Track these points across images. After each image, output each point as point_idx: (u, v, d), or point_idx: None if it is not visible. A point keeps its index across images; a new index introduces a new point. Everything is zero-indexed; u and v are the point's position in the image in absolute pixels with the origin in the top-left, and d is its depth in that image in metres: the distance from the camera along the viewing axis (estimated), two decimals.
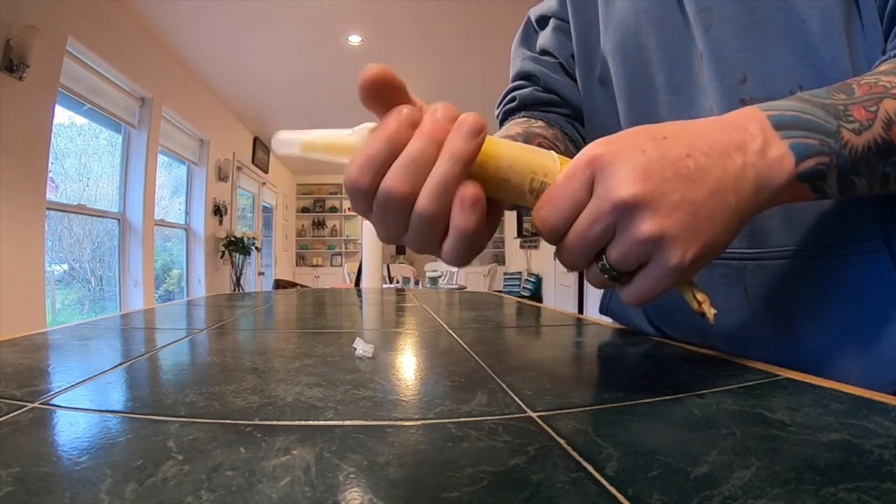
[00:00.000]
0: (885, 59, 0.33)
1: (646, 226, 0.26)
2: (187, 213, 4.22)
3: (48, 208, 2.37)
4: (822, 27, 0.36)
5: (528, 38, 0.65)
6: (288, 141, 0.28)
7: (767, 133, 0.29)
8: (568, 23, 0.59)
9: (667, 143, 0.27)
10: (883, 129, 0.28)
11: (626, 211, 0.26)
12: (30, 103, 2.16)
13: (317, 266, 8.15)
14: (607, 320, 0.67)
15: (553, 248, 0.29)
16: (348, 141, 0.28)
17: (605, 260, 0.28)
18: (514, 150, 0.28)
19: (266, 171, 6.05)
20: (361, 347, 0.44)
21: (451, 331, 0.58)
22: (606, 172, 0.26)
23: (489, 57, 3.51)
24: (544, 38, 0.62)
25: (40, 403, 0.30)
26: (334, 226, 8.42)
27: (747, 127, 0.29)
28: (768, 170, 0.28)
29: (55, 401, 0.31)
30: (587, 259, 0.28)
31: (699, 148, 0.27)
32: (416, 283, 5.04)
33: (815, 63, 0.37)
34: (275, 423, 0.27)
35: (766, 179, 0.28)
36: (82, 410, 0.29)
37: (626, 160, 0.26)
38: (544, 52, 0.62)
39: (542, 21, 0.63)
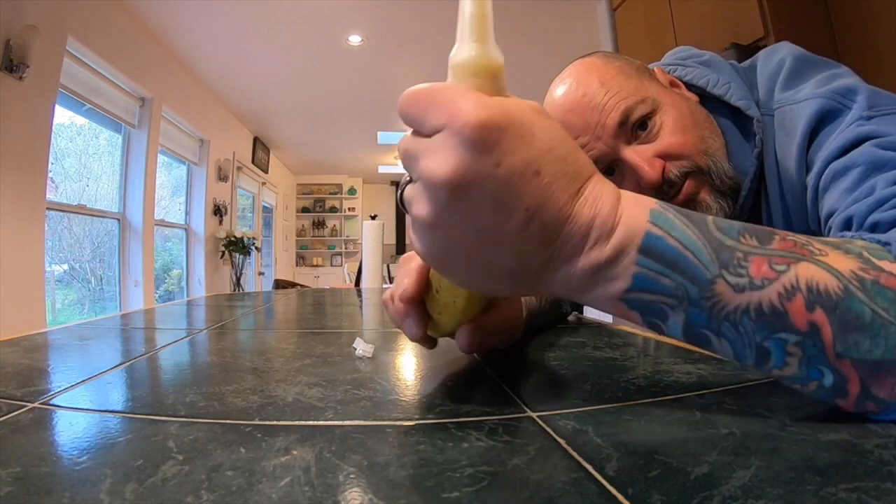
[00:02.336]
0: (839, 237, 0.31)
1: (416, 208, 0.25)
2: (187, 213, 4.21)
3: (48, 208, 2.37)
4: None
5: None
6: None
7: (626, 249, 0.24)
8: None
9: (525, 178, 0.23)
10: (778, 297, 0.23)
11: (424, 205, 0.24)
12: (30, 103, 2.16)
13: (317, 266, 8.14)
14: (607, 320, 0.67)
15: None
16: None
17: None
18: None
19: (266, 171, 6.05)
20: (361, 347, 0.44)
21: None
22: (453, 139, 0.23)
23: None
24: None
25: (40, 403, 0.30)
26: (334, 226, 8.41)
27: (613, 234, 0.24)
28: (590, 283, 0.25)
29: (55, 401, 0.31)
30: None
31: (544, 207, 0.24)
32: None
33: None
34: (275, 423, 0.27)
35: (581, 286, 0.25)
36: (82, 410, 0.29)
37: (484, 149, 0.23)
38: None
39: None
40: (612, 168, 0.57)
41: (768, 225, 0.56)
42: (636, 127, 0.54)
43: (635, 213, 0.25)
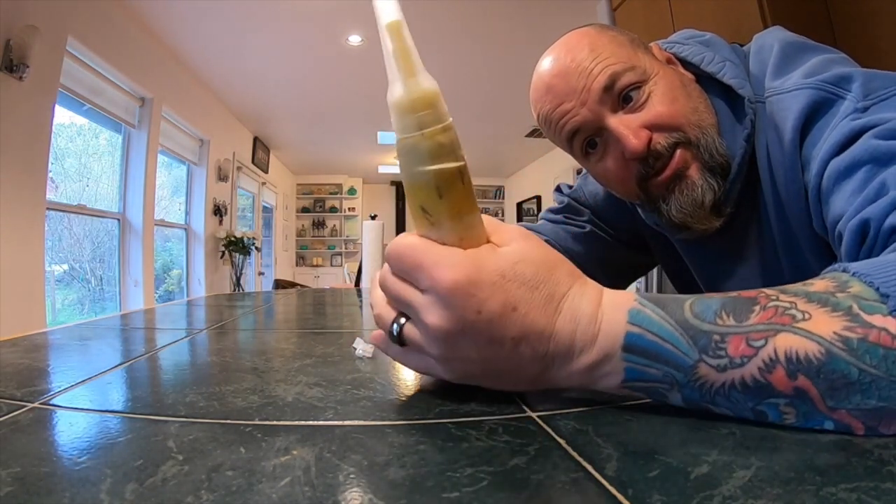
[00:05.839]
0: (829, 271, 0.29)
1: (429, 349, 0.30)
2: (187, 213, 4.21)
3: (48, 208, 2.37)
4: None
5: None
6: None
7: (610, 350, 0.27)
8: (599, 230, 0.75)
9: (504, 316, 0.27)
10: (759, 371, 0.24)
11: (437, 337, 0.29)
12: (30, 103, 2.16)
13: (317, 266, 8.14)
14: None
15: None
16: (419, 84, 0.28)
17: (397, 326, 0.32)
18: None
19: (266, 171, 6.05)
20: (361, 347, 0.44)
21: None
22: (446, 300, 0.28)
23: (490, 58, 3.51)
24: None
25: (40, 403, 0.30)
26: (334, 226, 8.40)
27: (596, 341, 0.28)
28: (589, 379, 0.29)
29: (55, 401, 0.31)
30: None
31: (527, 334, 0.28)
32: None
33: None
34: (275, 423, 0.27)
35: (584, 381, 0.29)
36: (82, 410, 0.29)
37: (465, 305, 0.27)
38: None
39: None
40: (595, 141, 0.55)
41: (763, 225, 0.54)
42: (623, 98, 0.52)
43: (615, 316, 0.28)
